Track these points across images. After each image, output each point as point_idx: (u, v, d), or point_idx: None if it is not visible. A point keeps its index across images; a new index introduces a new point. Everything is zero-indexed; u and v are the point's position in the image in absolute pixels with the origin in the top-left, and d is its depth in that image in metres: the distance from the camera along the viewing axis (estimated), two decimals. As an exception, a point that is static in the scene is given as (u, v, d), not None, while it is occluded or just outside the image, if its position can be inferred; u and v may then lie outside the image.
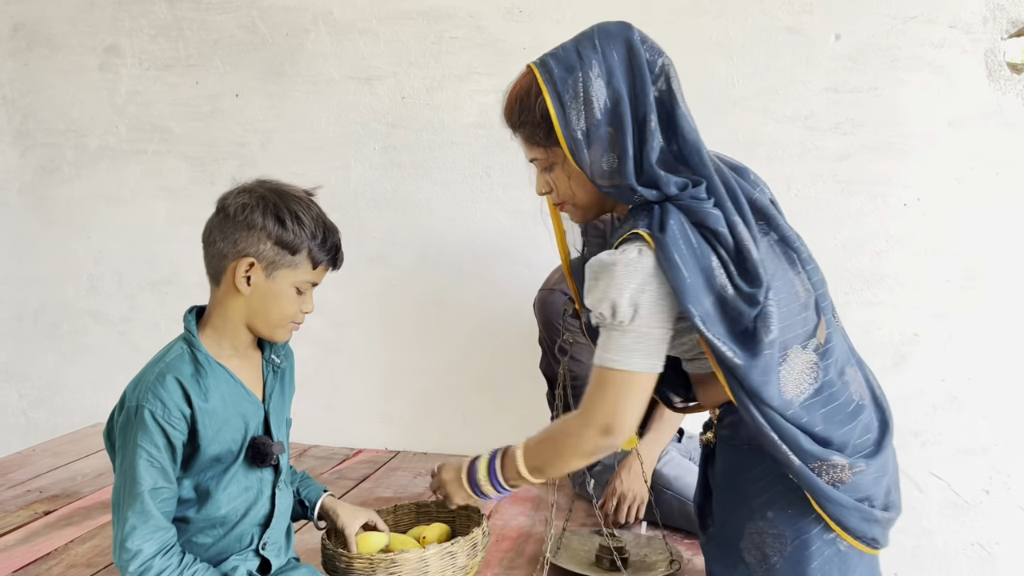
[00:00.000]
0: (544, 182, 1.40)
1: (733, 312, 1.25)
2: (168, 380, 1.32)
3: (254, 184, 1.39)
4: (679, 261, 1.22)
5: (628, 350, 1.27)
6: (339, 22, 2.62)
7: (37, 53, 2.90)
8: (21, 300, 3.03)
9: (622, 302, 1.25)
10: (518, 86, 1.37)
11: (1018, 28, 2.21)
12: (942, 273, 2.30)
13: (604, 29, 1.34)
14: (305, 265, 1.38)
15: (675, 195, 1.27)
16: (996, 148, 2.23)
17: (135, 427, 1.29)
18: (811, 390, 1.30)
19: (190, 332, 1.39)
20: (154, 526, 1.28)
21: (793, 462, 1.27)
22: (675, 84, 1.32)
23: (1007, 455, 2.31)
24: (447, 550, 1.50)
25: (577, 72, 1.29)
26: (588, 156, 1.29)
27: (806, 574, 1.32)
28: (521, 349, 2.53)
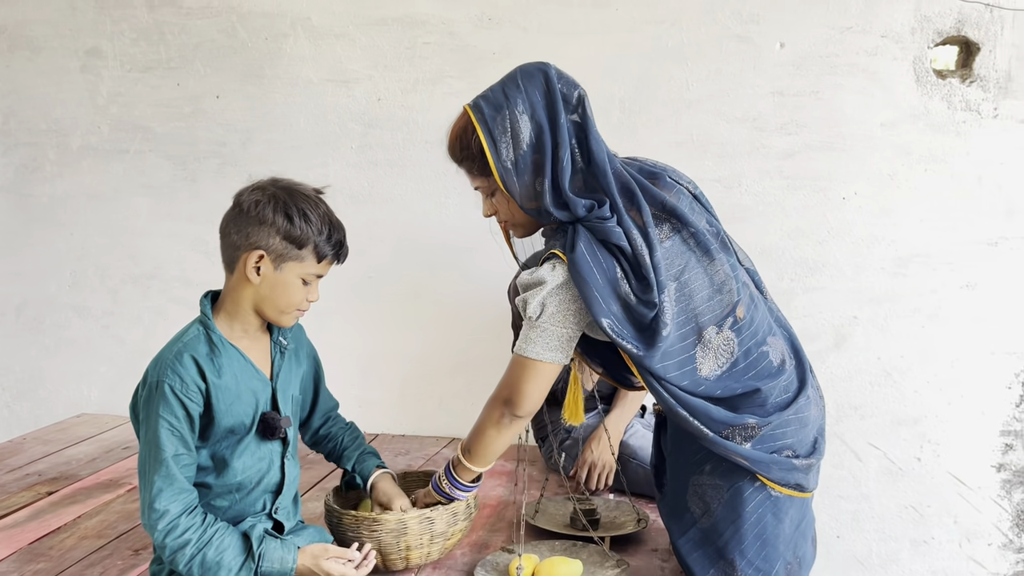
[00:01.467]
0: (489, 205, 1.61)
1: (636, 314, 1.45)
2: (185, 357, 1.45)
3: (267, 182, 1.53)
4: (587, 276, 1.44)
5: (533, 341, 1.50)
6: (317, 27, 2.74)
7: (18, 55, 2.97)
8: (3, 296, 3.09)
9: (533, 303, 1.48)
10: (457, 126, 1.56)
11: (944, 38, 2.41)
12: (877, 261, 2.51)
13: (524, 70, 1.53)
14: (311, 259, 1.50)
15: (583, 216, 1.48)
16: (924, 147, 2.44)
17: (156, 400, 1.43)
18: (727, 364, 1.50)
19: (206, 315, 1.53)
20: (178, 488, 1.41)
21: (706, 434, 1.48)
22: (589, 112, 1.52)
23: (936, 426, 2.53)
24: (426, 516, 1.66)
25: (504, 110, 1.48)
26: (517, 183, 1.49)
27: (742, 517, 1.52)
28: (493, 335, 2.67)
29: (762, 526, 1.53)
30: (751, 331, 1.53)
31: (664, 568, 1.77)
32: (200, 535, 1.41)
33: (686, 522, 1.60)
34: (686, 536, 1.60)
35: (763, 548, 1.53)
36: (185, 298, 2.94)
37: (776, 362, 1.55)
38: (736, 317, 1.51)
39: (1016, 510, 2.52)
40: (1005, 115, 2.41)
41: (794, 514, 1.58)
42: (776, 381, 1.53)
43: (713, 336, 1.50)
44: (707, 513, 1.56)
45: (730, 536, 1.54)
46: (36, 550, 1.82)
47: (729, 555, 1.54)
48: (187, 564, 1.40)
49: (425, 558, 1.70)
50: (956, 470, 2.54)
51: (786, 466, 1.51)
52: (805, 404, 1.56)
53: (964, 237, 2.46)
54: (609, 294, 1.45)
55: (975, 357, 2.50)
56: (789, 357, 1.59)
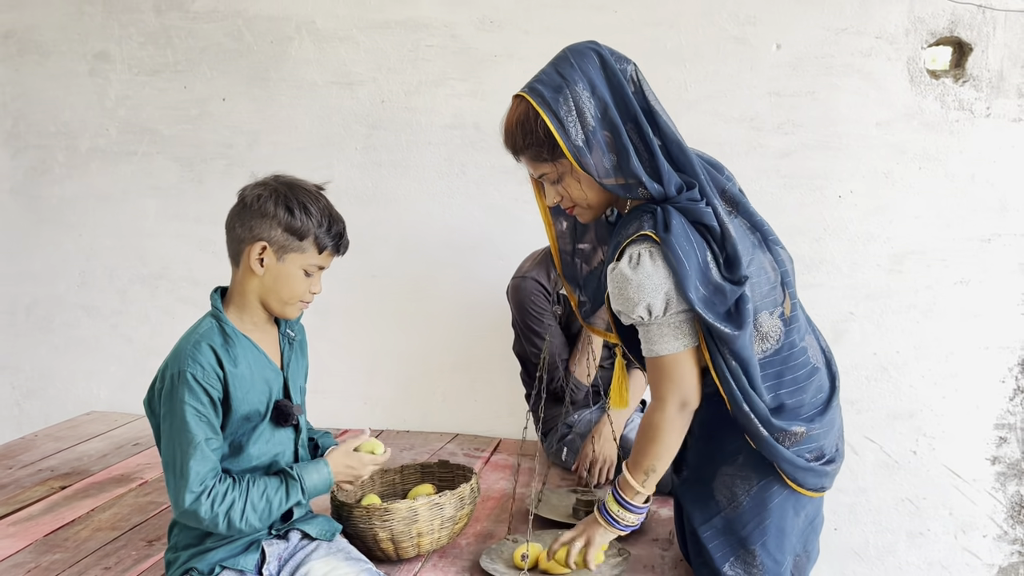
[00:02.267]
0: (555, 193, 1.55)
1: (725, 296, 1.44)
2: (203, 346, 1.50)
3: (269, 178, 1.58)
4: (682, 256, 1.41)
5: (669, 338, 1.48)
6: (321, 30, 2.79)
7: (28, 59, 3.02)
8: (13, 296, 3.15)
9: (656, 303, 1.44)
10: (514, 114, 1.51)
11: (937, 39, 2.45)
12: (873, 258, 2.55)
13: (575, 49, 1.49)
14: (312, 250, 1.55)
15: (673, 196, 1.45)
16: (918, 145, 2.48)
17: (180, 390, 1.46)
18: (772, 349, 1.52)
19: (217, 308, 1.58)
20: (211, 466, 1.46)
21: (761, 433, 1.48)
22: (646, 85, 1.49)
23: (931, 419, 2.57)
24: (435, 502, 1.71)
25: (565, 90, 1.44)
26: (592, 160, 1.45)
27: (767, 510, 1.55)
28: (495, 333, 2.73)
29: (783, 520, 1.57)
30: (796, 326, 1.57)
31: (664, 557, 1.82)
32: (239, 490, 1.48)
33: (711, 510, 1.62)
34: (709, 523, 1.61)
35: (780, 540, 1.57)
36: (192, 297, 3.00)
37: (812, 360, 1.58)
38: (783, 311, 1.55)
39: (1010, 502, 2.57)
40: (997, 114, 2.45)
41: (810, 510, 1.62)
42: (812, 380, 1.57)
43: (765, 320, 1.52)
44: (734, 503, 1.59)
45: (754, 528, 1.57)
46: (52, 541, 1.87)
47: (751, 545, 1.57)
48: (242, 519, 1.46)
49: (436, 543, 1.75)
50: (951, 463, 2.58)
51: (819, 473, 1.55)
52: (836, 407, 1.60)
53: (958, 234, 2.50)
54: (700, 276, 1.43)
55: (969, 352, 2.54)
56: (820, 357, 1.63)
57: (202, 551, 1.52)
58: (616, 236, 1.54)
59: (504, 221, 2.75)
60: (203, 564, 1.51)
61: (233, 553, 1.53)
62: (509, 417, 2.80)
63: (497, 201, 2.75)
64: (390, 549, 1.70)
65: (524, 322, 2.33)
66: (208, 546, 1.53)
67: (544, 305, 2.31)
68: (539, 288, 2.31)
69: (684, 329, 1.48)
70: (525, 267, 2.39)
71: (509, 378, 2.67)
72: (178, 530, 1.58)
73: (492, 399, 2.85)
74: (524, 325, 2.34)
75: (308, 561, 1.57)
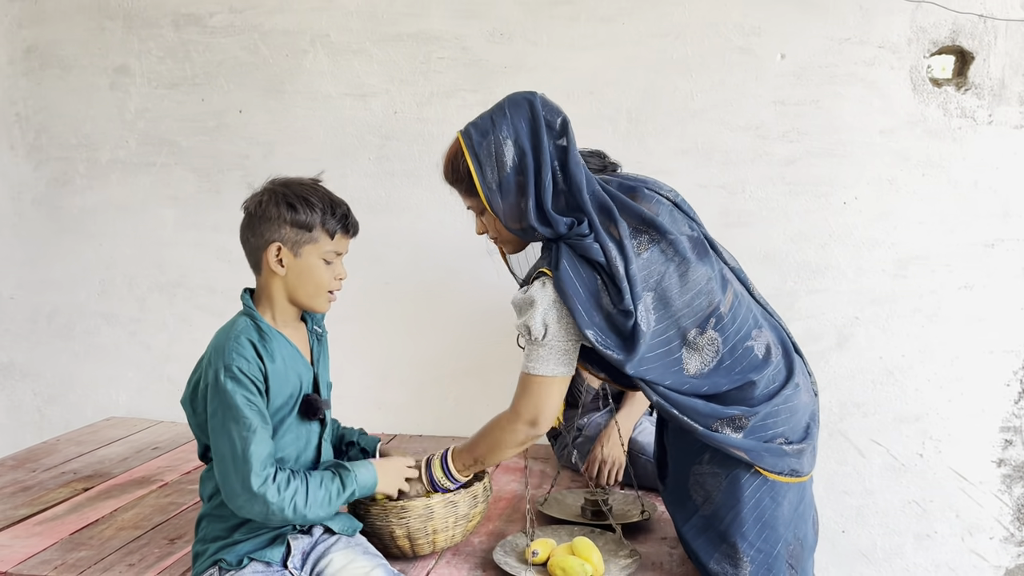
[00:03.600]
0: (480, 224, 1.75)
1: (617, 323, 1.56)
2: (243, 340, 1.55)
3: (264, 184, 1.65)
4: (571, 291, 1.56)
5: (543, 360, 1.62)
6: (335, 44, 2.85)
7: (50, 73, 3.10)
8: (35, 304, 3.22)
9: (535, 325, 1.58)
10: (450, 151, 1.69)
11: (939, 48, 2.50)
12: (878, 263, 2.59)
13: (512, 99, 1.66)
14: (323, 238, 1.60)
15: (564, 234, 1.59)
16: (922, 152, 2.52)
17: (227, 383, 1.51)
18: (714, 361, 1.60)
19: (250, 307, 1.63)
20: (271, 451, 1.52)
21: (696, 428, 1.58)
22: (571, 137, 1.63)
23: (937, 423, 2.61)
24: (450, 500, 1.76)
25: (490, 135, 1.61)
26: (502, 204, 1.61)
27: (740, 502, 1.61)
28: (506, 338, 2.75)
29: (761, 510, 1.62)
30: (735, 328, 1.63)
31: (672, 554, 1.86)
32: (299, 478, 1.54)
33: (688, 510, 1.69)
34: (689, 523, 1.69)
35: (763, 530, 1.62)
36: (209, 305, 3.06)
37: (761, 355, 1.64)
38: (720, 315, 1.61)
39: (1016, 504, 2.59)
40: (1000, 121, 2.49)
41: (792, 497, 1.66)
42: (763, 373, 1.62)
43: (696, 337, 1.61)
44: (708, 500, 1.65)
45: (731, 521, 1.62)
46: (77, 540, 1.93)
47: (731, 538, 1.62)
48: (307, 505, 1.52)
49: (450, 540, 1.80)
50: (957, 466, 2.61)
51: (777, 452, 1.60)
52: (794, 392, 1.65)
53: (962, 239, 2.54)
54: (592, 306, 1.56)
55: (974, 356, 2.57)
56: (775, 347, 1.68)
57: (230, 543, 1.58)
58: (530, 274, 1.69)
59: (514, 229, 2.80)
60: (231, 555, 1.56)
61: (260, 546, 1.58)
62: (520, 421, 2.84)
63: (508, 209, 2.80)
64: (406, 546, 1.75)
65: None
66: (236, 539, 1.58)
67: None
68: None
69: (562, 359, 1.61)
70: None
71: (520, 383, 2.71)
72: (206, 523, 1.63)
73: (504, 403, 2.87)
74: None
75: (329, 553, 1.62)
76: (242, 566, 1.56)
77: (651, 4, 2.61)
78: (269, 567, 1.58)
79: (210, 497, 1.64)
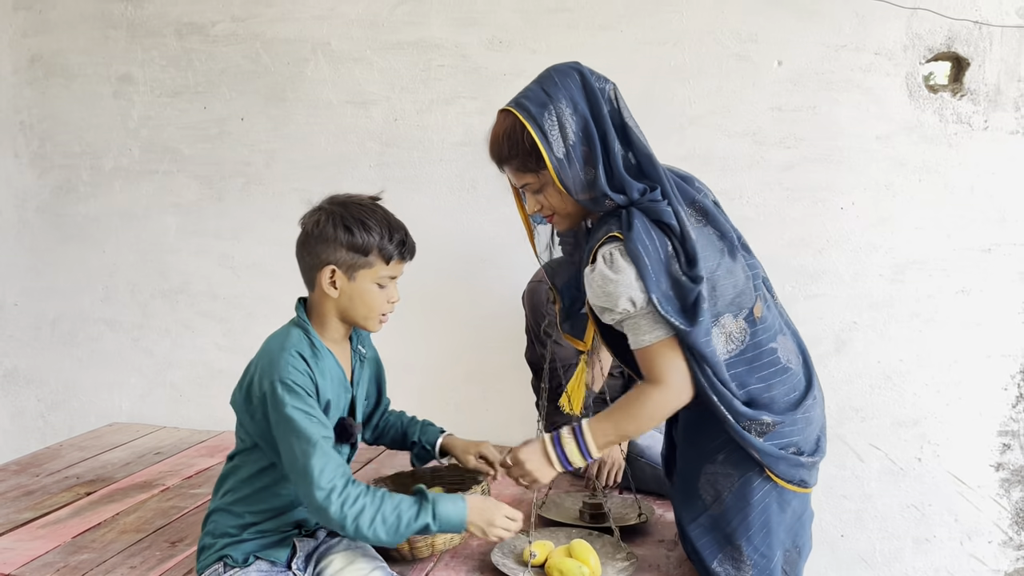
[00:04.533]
0: (535, 202, 1.67)
1: (684, 291, 1.54)
2: (296, 355, 1.53)
3: (324, 201, 1.61)
4: (643, 252, 1.52)
5: (654, 325, 1.56)
6: (336, 52, 2.88)
7: (54, 82, 3.14)
8: (39, 311, 3.24)
9: (637, 295, 1.53)
10: (501, 127, 1.62)
11: (935, 54, 2.51)
12: (875, 268, 2.60)
13: (559, 69, 1.62)
14: (379, 263, 1.57)
15: (637, 200, 1.57)
16: (918, 158, 2.53)
17: (283, 397, 1.48)
18: (737, 350, 1.60)
19: (305, 321, 1.61)
20: (335, 463, 1.48)
21: (728, 419, 1.57)
22: (622, 104, 1.61)
23: (935, 427, 2.61)
24: None
25: (549, 106, 1.56)
26: (570, 174, 1.57)
27: (749, 505, 1.62)
28: (507, 344, 2.79)
29: (767, 515, 1.63)
30: (763, 327, 1.64)
31: (670, 557, 1.87)
32: (371, 497, 1.48)
33: (697, 508, 1.68)
34: (696, 522, 1.68)
35: (767, 536, 1.63)
36: (212, 311, 3.08)
37: (783, 360, 1.65)
38: (751, 313, 1.62)
39: (1015, 508, 2.60)
40: (995, 127, 2.50)
41: (796, 506, 1.68)
42: (783, 378, 1.63)
43: (729, 321, 1.60)
44: (717, 501, 1.65)
45: (738, 523, 1.63)
46: (79, 543, 1.95)
47: (736, 540, 1.63)
48: (371, 526, 1.46)
49: (448, 543, 1.82)
50: (956, 470, 2.62)
51: (793, 463, 1.61)
52: (811, 404, 1.66)
53: (959, 244, 2.55)
54: (661, 270, 1.53)
55: (972, 360, 2.58)
56: (796, 357, 1.69)
57: (238, 541, 1.59)
58: (588, 242, 1.65)
59: (514, 235, 2.79)
60: (238, 553, 1.58)
61: (267, 545, 1.60)
62: (521, 426, 2.84)
63: (507, 216, 2.79)
64: (405, 549, 1.77)
65: (538, 326, 2.39)
66: (245, 537, 1.59)
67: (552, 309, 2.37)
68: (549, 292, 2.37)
69: (661, 319, 1.55)
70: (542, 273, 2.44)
71: (521, 388, 2.72)
72: (217, 517, 1.63)
73: (504, 408, 2.91)
74: (538, 329, 2.39)
75: (330, 553, 1.64)
76: (247, 564, 1.58)
77: (649, 12, 2.63)
78: (274, 566, 1.59)
79: (224, 493, 1.64)
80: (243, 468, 1.62)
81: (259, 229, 2.99)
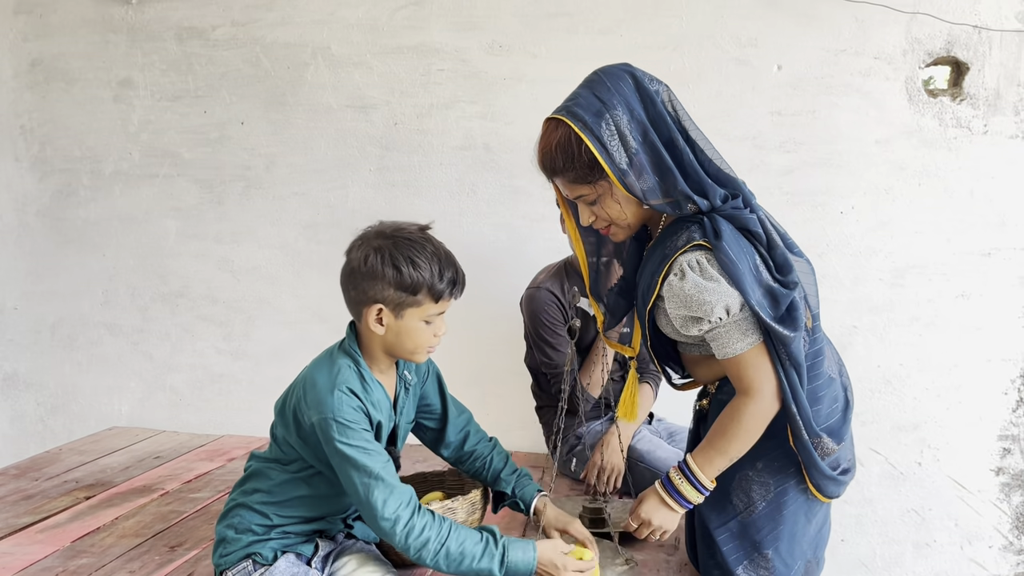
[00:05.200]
0: (589, 214, 1.59)
1: (776, 298, 1.49)
2: (348, 394, 1.49)
3: (372, 233, 1.54)
4: (737, 261, 1.47)
5: (745, 332, 1.51)
6: (336, 56, 2.88)
7: (54, 86, 3.14)
8: (39, 315, 3.24)
9: (733, 303, 1.48)
10: (552, 137, 1.52)
11: (934, 58, 2.52)
12: (875, 272, 2.61)
13: (609, 72, 1.53)
14: (428, 301, 1.51)
15: (719, 206, 1.51)
16: (917, 162, 2.54)
17: (339, 437, 1.46)
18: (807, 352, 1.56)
19: (356, 352, 1.57)
20: (398, 493, 1.47)
21: (801, 433, 1.53)
22: (678, 105, 1.54)
23: (935, 431, 2.62)
24: (447, 507, 1.76)
25: (605, 115, 1.47)
26: (636, 182, 1.49)
27: (782, 515, 1.61)
28: (506, 349, 2.79)
29: (796, 526, 1.62)
30: (817, 336, 1.62)
31: (669, 561, 1.87)
32: (438, 531, 1.47)
33: (727, 513, 1.65)
34: (725, 526, 1.65)
35: (792, 545, 1.62)
36: (212, 315, 3.08)
37: (829, 372, 1.63)
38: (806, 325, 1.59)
39: (1015, 512, 2.60)
40: (995, 131, 2.51)
41: (820, 518, 1.68)
42: (828, 391, 1.61)
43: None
44: (750, 508, 1.63)
45: (768, 532, 1.62)
46: (78, 548, 1.94)
47: (765, 549, 1.62)
48: (434, 557, 1.46)
49: None
50: (956, 474, 2.62)
51: (838, 482, 1.62)
52: (850, 419, 1.66)
53: (958, 248, 2.55)
54: (753, 280, 1.48)
55: (972, 364, 2.58)
56: (835, 368, 1.68)
57: (265, 539, 1.58)
58: (661, 249, 1.57)
59: (514, 239, 2.82)
60: (267, 550, 1.58)
61: (292, 544, 1.61)
62: (520, 430, 2.85)
63: (507, 220, 2.82)
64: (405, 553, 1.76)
65: (537, 332, 2.39)
66: (272, 536, 1.58)
67: (557, 316, 2.37)
68: (553, 299, 2.37)
69: (749, 327, 1.51)
70: (540, 278, 2.45)
71: (520, 392, 2.72)
72: (242, 512, 1.60)
73: (503, 413, 2.90)
74: (537, 335, 2.39)
75: (345, 554, 1.66)
76: (275, 560, 1.57)
77: (648, 16, 2.64)
78: (299, 559, 1.60)
79: (253, 491, 1.61)
80: (277, 474, 1.60)
81: (259, 233, 2.99)
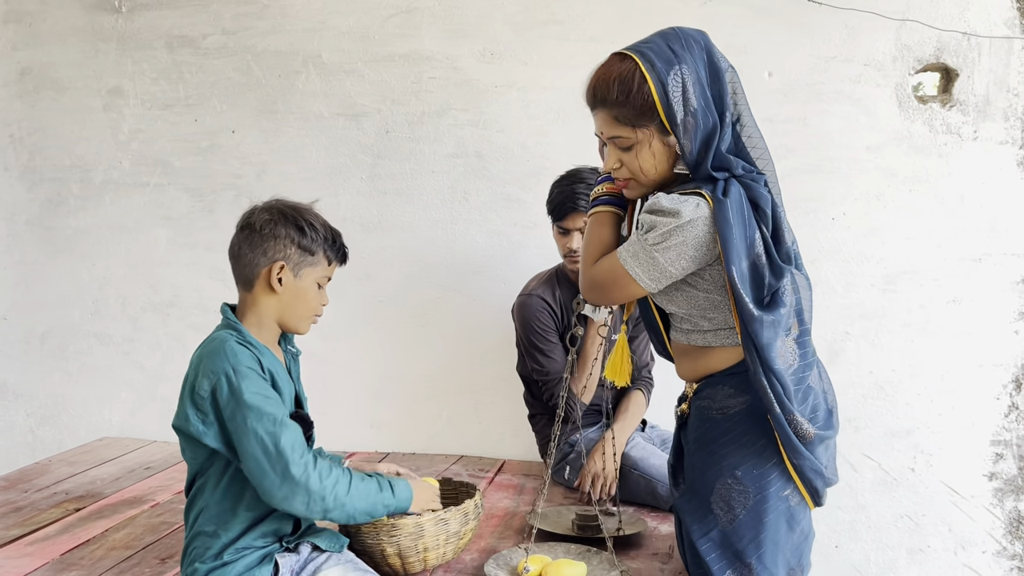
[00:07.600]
0: (616, 160, 1.55)
1: (760, 278, 1.47)
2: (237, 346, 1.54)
3: (272, 202, 1.67)
4: (732, 221, 1.43)
5: (637, 259, 1.49)
6: (327, 64, 2.88)
7: (44, 95, 3.12)
8: (28, 324, 3.22)
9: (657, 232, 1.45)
10: (616, 70, 1.48)
11: (924, 65, 2.54)
12: (867, 278, 2.61)
13: (686, 33, 1.51)
14: (322, 263, 1.66)
15: (739, 175, 1.49)
16: (908, 168, 2.55)
17: (238, 383, 1.50)
18: (795, 366, 1.55)
19: (235, 322, 1.62)
20: (303, 439, 1.53)
21: (774, 408, 1.49)
22: (739, 88, 1.53)
23: (928, 437, 2.62)
24: (440, 517, 1.76)
25: (676, 66, 1.45)
26: (683, 139, 1.47)
27: (763, 523, 1.58)
28: (498, 356, 2.79)
29: (778, 533, 1.60)
30: (809, 349, 1.59)
31: (664, 570, 1.87)
32: (341, 470, 1.57)
33: (708, 523, 1.64)
34: (707, 536, 1.63)
35: (776, 554, 1.60)
36: (203, 325, 3.03)
37: (815, 387, 1.61)
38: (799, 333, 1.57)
39: (1008, 518, 2.60)
40: (985, 137, 2.52)
41: (804, 525, 1.66)
42: (807, 401, 1.58)
43: (783, 340, 1.53)
44: (730, 516, 1.61)
45: (749, 541, 1.59)
46: (68, 560, 1.92)
47: (747, 558, 1.59)
48: (348, 494, 1.54)
49: (441, 558, 1.80)
50: (949, 480, 2.62)
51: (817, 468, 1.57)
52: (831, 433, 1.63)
53: (949, 254, 2.56)
54: (744, 249, 1.44)
55: (964, 370, 2.59)
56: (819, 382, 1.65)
57: (221, 565, 1.56)
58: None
59: (506, 246, 2.82)
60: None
61: (250, 567, 1.57)
62: (513, 438, 2.85)
63: (499, 227, 2.82)
64: (397, 564, 1.75)
65: (528, 339, 2.38)
66: (226, 559, 1.56)
67: (549, 323, 2.37)
68: (545, 306, 2.37)
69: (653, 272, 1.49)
70: (531, 286, 2.45)
71: (512, 400, 2.71)
72: (195, 544, 1.60)
73: (496, 421, 2.90)
74: (528, 343, 2.38)
75: (322, 570, 1.62)
76: None
77: (640, 24, 2.60)
78: None
79: (195, 518, 1.62)
80: (207, 487, 1.60)
81: (250, 242, 2.96)
